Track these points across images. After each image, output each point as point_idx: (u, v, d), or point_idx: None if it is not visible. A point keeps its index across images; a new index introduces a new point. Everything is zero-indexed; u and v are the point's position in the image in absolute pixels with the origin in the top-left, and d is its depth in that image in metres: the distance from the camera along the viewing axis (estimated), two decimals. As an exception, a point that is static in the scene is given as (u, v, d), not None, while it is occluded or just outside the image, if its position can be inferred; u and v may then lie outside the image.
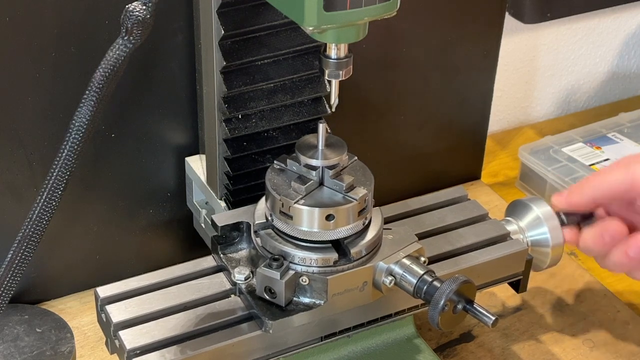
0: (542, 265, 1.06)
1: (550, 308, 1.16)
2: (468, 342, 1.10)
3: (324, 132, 0.91)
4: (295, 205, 0.88)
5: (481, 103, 1.32)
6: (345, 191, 0.90)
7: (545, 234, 1.05)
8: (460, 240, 1.03)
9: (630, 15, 1.57)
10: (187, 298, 0.92)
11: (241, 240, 0.97)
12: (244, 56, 0.97)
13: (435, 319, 0.87)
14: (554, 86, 1.57)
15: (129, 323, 0.90)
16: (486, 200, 1.33)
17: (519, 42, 1.48)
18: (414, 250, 0.93)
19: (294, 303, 0.90)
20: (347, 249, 0.90)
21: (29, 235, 0.86)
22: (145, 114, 1.08)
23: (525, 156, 1.38)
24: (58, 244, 1.10)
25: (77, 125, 0.83)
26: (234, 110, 0.99)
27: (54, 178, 0.84)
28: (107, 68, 0.81)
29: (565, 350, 1.10)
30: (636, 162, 1.02)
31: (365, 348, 0.99)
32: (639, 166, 1.01)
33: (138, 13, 0.79)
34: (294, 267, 0.90)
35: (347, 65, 0.87)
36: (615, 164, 1.05)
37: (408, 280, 0.91)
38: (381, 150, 1.26)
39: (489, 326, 0.88)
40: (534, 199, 1.07)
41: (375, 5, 0.79)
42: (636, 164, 1.02)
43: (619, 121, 1.47)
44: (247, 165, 1.02)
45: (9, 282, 0.89)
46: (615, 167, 1.04)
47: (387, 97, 1.23)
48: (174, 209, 1.15)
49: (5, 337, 1.04)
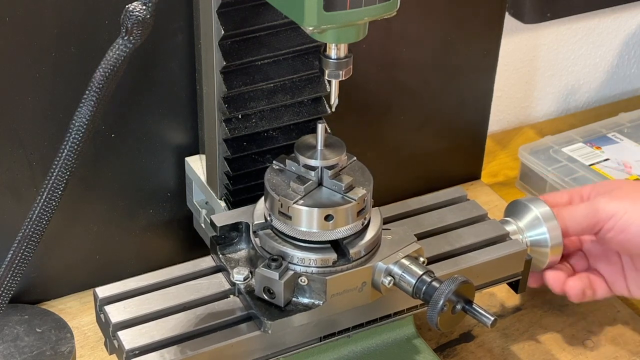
0: (541, 265, 1.07)
1: (550, 308, 1.16)
2: (468, 342, 1.10)
3: (323, 132, 0.91)
4: (294, 206, 0.89)
5: (481, 103, 1.32)
6: (344, 191, 0.90)
7: (544, 234, 1.05)
8: (460, 240, 1.03)
9: (630, 15, 1.57)
10: (186, 298, 0.92)
11: (240, 240, 0.97)
12: (244, 56, 0.97)
13: (434, 320, 0.87)
14: (554, 86, 1.57)
15: (127, 323, 0.90)
16: (486, 200, 1.33)
17: (519, 42, 1.48)
18: (413, 250, 0.93)
19: (293, 303, 0.90)
20: (346, 249, 0.90)
21: (29, 235, 0.86)
22: (145, 114, 1.08)
23: (525, 156, 1.38)
24: (58, 244, 1.10)
25: (77, 125, 0.83)
26: (234, 110, 0.99)
27: (54, 178, 0.84)
28: (107, 68, 0.81)
29: (565, 350, 1.10)
30: (598, 195, 1.06)
31: (365, 348, 0.99)
32: (601, 198, 1.05)
33: (138, 13, 0.79)
34: (293, 268, 0.90)
35: (347, 65, 0.87)
36: (578, 193, 1.10)
37: (407, 281, 0.91)
38: (381, 150, 1.26)
39: (487, 326, 0.88)
40: (533, 199, 1.07)
41: (375, 5, 0.79)
42: (598, 197, 1.06)
43: (619, 121, 1.47)
44: (247, 165, 1.02)
45: (9, 282, 0.89)
46: (576, 200, 1.09)
47: (387, 97, 1.23)
48: (174, 209, 1.15)
49: (5, 337, 1.04)
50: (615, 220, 1.03)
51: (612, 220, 1.03)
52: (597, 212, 1.04)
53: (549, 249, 1.05)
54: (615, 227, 1.03)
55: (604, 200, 1.04)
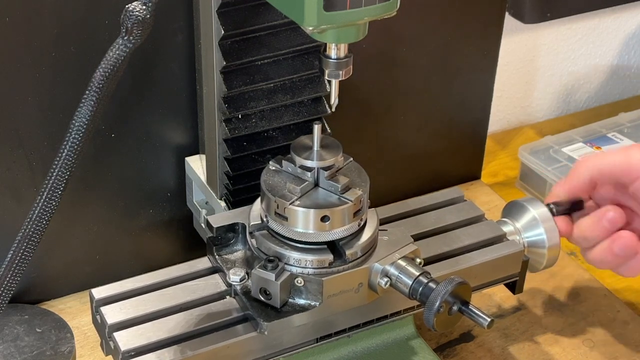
0: (539, 266, 1.06)
1: (550, 308, 1.16)
2: (468, 342, 1.10)
3: (320, 133, 0.91)
4: (290, 207, 0.88)
5: (481, 103, 1.32)
6: (341, 192, 0.90)
7: (541, 235, 1.05)
8: (457, 241, 1.03)
9: (630, 15, 1.57)
10: (183, 299, 0.92)
11: (237, 241, 0.96)
12: (244, 56, 0.97)
13: (431, 321, 0.88)
14: (554, 86, 1.57)
15: (123, 324, 0.90)
16: (486, 200, 1.33)
17: (519, 42, 1.48)
18: (410, 251, 0.93)
19: (289, 304, 0.90)
20: (343, 250, 0.90)
21: (29, 235, 0.86)
22: (145, 114, 1.08)
23: (525, 156, 1.38)
24: (58, 244, 1.10)
25: (77, 125, 0.83)
26: (234, 110, 0.99)
27: (54, 178, 0.84)
28: (107, 68, 0.81)
29: (565, 350, 1.10)
30: (635, 148, 1.02)
31: (365, 348, 0.99)
32: (637, 151, 1.01)
33: (138, 13, 0.79)
34: (289, 269, 0.90)
35: (347, 65, 0.87)
36: (615, 149, 1.04)
37: (403, 282, 0.91)
38: (381, 150, 1.26)
39: (484, 327, 0.88)
40: (531, 200, 1.07)
41: (375, 5, 0.79)
42: (634, 149, 1.02)
43: (619, 121, 1.47)
44: (247, 165, 1.03)
45: (9, 282, 0.89)
46: (615, 150, 1.04)
47: (387, 97, 1.23)
48: (174, 209, 1.15)
49: (5, 337, 1.04)
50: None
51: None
52: (630, 159, 1.01)
53: (546, 250, 1.05)
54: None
55: (637, 149, 1.01)
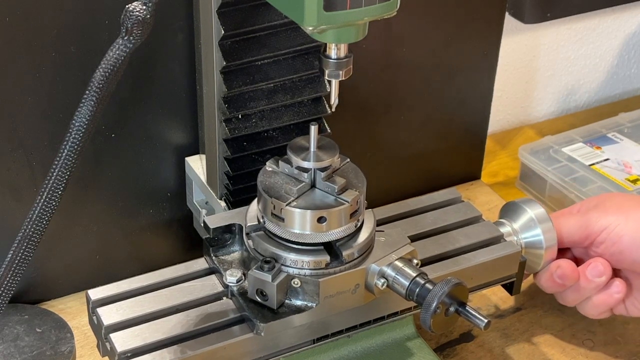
0: (536, 267, 1.07)
1: (550, 308, 1.15)
2: (468, 342, 1.10)
3: (316, 134, 0.91)
4: (287, 208, 0.88)
5: (481, 103, 1.32)
6: (337, 193, 0.90)
7: (538, 235, 1.05)
8: (454, 242, 1.03)
9: (630, 15, 1.57)
10: (179, 300, 0.92)
11: (233, 242, 0.96)
12: (244, 56, 0.97)
13: (428, 322, 0.88)
14: (554, 86, 1.57)
15: (120, 326, 0.90)
16: (486, 200, 1.33)
17: (519, 42, 1.48)
18: (407, 252, 0.93)
19: (286, 305, 0.90)
20: (339, 251, 0.90)
21: (29, 235, 0.87)
22: (145, 114, 1.08)
23: (525, 156, 1.38)
24: (58, 244, 1.10)
25: (77, 125, 0.83)
26: (234, 110, 0.99)
27: (54, 178, 0.84)
28: (107, 68, 0.81)
29: (565, 350, 1.10)
30: (593, 212, 1.05)
31: (365, 348, 0.99)
32: (596, 215, 1.05)
33: (138, 13, 0.79)
34: (286, 270, 0.90)
35: (347, 65, 0.87)
36: (576, 211, 1.08)
37: (400, 283, 0.91)
38: (381, 150, 1.26)
39: (481, 328, 0.88)
40: (528, 201, 1.07)
41: (375, 5, 0.79)
42: (593, 213, 1.05)
43: (619, 121, 1.47)
44: (247, 165, 1.03)
45: (9, 282, 0.89)
46: (574, 215, 1.07)
47: (387, 97, 1.23)
48: (174, 209, 1.15)
49: (5, 337, 1.04)
50: (607, 234, 1.03)
51: (603, 234, 1.03)
52: (588, 225, 1.04)
53: (544, 251, 1.05)
54: (607, 240, 1.03)
55: (595, 213, 1.05)
